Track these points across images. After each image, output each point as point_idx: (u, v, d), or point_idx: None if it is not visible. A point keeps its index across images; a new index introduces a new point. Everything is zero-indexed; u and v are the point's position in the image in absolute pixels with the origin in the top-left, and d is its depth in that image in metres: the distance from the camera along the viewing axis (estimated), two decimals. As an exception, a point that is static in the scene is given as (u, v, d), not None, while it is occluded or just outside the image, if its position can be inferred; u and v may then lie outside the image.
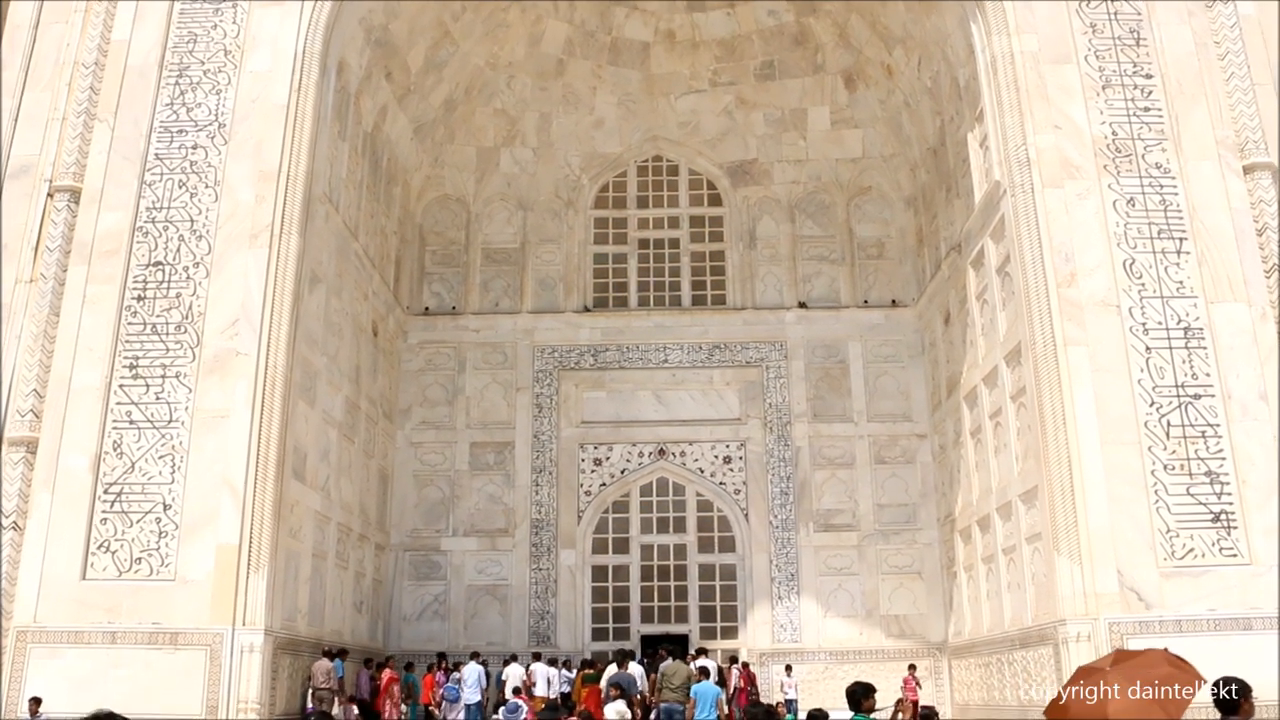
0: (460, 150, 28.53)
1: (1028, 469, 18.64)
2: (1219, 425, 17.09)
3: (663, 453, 26.88)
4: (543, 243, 28.45)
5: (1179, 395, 17.26)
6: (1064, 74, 19.14)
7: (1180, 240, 18.07)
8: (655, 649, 23.43)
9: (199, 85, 19.63)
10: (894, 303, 27.39)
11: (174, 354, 17.96)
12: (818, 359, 27.11)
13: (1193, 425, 17.11)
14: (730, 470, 26.72)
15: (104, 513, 17.19)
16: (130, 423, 17.63)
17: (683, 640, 25.25)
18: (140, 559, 16.96)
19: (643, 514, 26.74)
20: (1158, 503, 16.71)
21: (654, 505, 26.78)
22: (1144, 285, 17.83)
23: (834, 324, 27.33)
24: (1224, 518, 16.67)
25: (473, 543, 26.26)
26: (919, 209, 27.16)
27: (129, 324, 18.15)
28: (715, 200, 28.78)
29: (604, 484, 26.77)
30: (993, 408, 20.84)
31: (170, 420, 17.61)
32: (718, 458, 26.84)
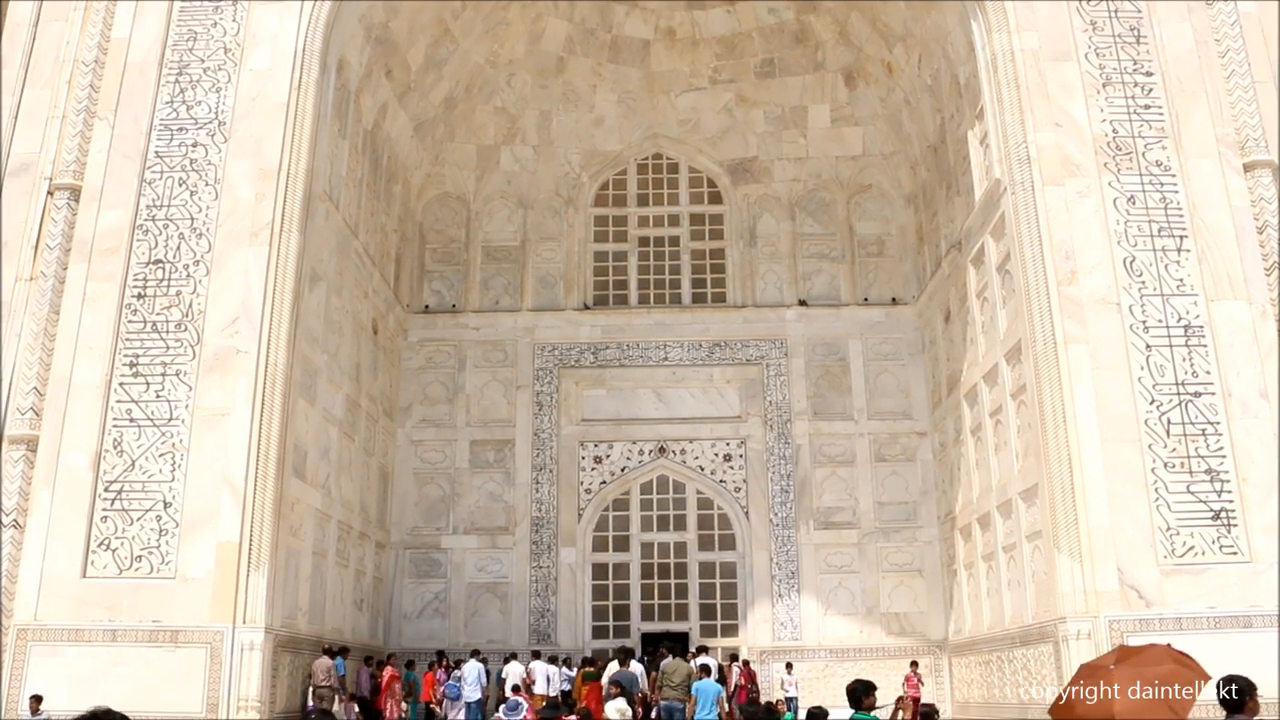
0: (460, 148, 28.52)
1: (1028, 467, 18.64)
2: (1219, 423, 17.08)
3: (663, 450, 26.88)
4: (543, 240, 28.45)
5: (1179, 393, 17.26)
6: (1064, 71, 19.13)
7: (1180, 238, 18.07)
8: (656, 647, 23.45)
9: (199, 83, 19.62)
10: (894, 300, 27.39)
11: (174, 352, 17.96)
12: (818, 357, 27.11)
13: (1193, 423, 17.11)
14: (730, 468, 26.73)
15: (104, 511, 17.19)
16: (130, 420, 17.64)
17: (683, 638, 25.27)
18: (141, 557, 16.96)
19: (643, 512, 26.75)
20: (1158, 500, 16.71)
21: (654, 503, 26.79)
22: (1144, 283, 17.82)
23: (834, 322, 27.33)
24: (1224, 515, 16.67)
25: (473, 540, 26.26)
26: (919, 207, 27.15)
27: (129, 322, 18.15)
28: (715, 198, 28.77)
29: (604, 482, 26.77)
30: (993, 405, 20.84)
31: (170, 418, 17.61)
32: (718, 455, 26.84)
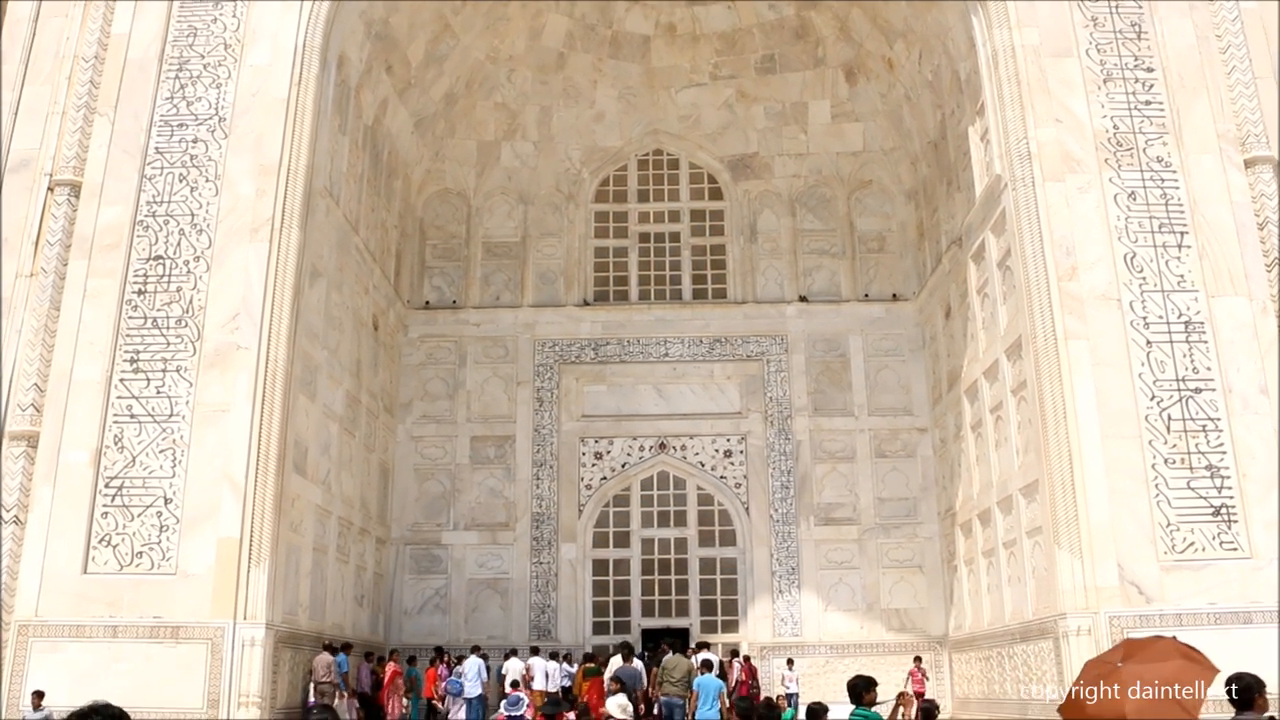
0: (461, 144, 28.50)
1: (1028, 463, 18.65)
2: (1219, 419, 17.08)
3: (663, 446, 26.88)
4: (543, 236, 28.44)
5: (1179, 389, 17.26)
6: (1065, 67, 19.10)
7: (1181, 234, 18.06)
8: (657, 643, 23.47)
9: (199, 79, 19.61)
10: (895, 296, 27.38)
11: (175, 348, 17.96)
12: (818, 353, 27.11)
13: (1193, 419, 17.10)
14: (731, 464, 26.73)
15: (105, 507, 17.20)
16: (131, 417, 17.64)
17: (684, 634, 25.30)
18: (141, 553, 16.97)
19: (643, 508, 26.76)
20: (1158, 496, 16.72)
21: (654, 499, 26.80)
22: (1145, 279, 17.82)
23: (834, 318, 27.32)
24: (1224, 511, 16.67)
25: (473, 536, 26.27)
26: (920, 203, 27.13)
27: (130, 318, 18.15)
28: (716, 194, 28.76)
29: (605, 478, 26.78)
30: (993, 401, 20.84)
31: (171, 414, 17.62)
32: (718, 451, 26.84)
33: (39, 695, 15.75)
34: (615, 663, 20.81)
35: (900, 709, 16.94)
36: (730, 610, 26.02)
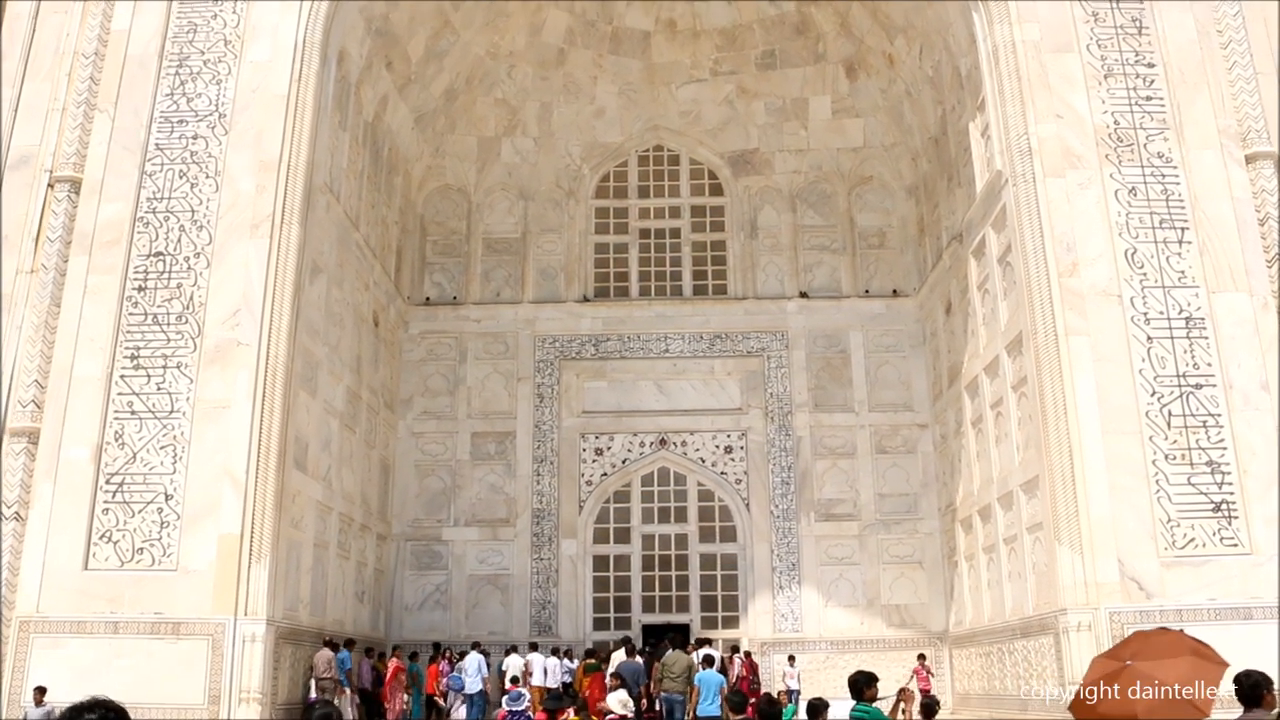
0: (461, 140, 28.49)
1: (1029, 459, 18.65)
2: (1220, 415, 17.07)
3: (664, 442, 26.88)
4: (544, 232, 28.43)
5: (1180, 385, 17.25)
6: (1066, 63, 19.08)
7: (1182, 230, 18.04)
8: (658, 639, 23.48)
9: (199, 75, 19.59)
10: (895, 292, 27.36)
11: (175, 344, 17.96)
12: (819, 349, 27.10)
13: (1194, 415, 17.10)
14: (731, 460, 26.74)
15: (106, 503, 17.21)
16: (132, 413, 17.65)
17: (684, 630, 25.32)
18: (142, 549, 16.98)
19: (644, 504, 26.77)
20: (1159, 492, 16.71)
21: (655, 495, 26.80)
22: (1145, 275, 17.80)
23: (835, 314, 27.31)
24: (1225, 507, 16.67)
25: (474, 532, 26.29)
26: (920, 198, 27.11)
27: (130, 314, 18.15)
28: (716, 190, 28.74)
29: (605, 474, 26.79)
30: (994, 397, 20.83)
31: (172, 410, 17.62)
32: (719, 447, 26.85)
33: (41, 691, 15.76)
34: (618, 657, 20.85)
35: (901, 705, 16.98)
36: (731, 606, 26.04)
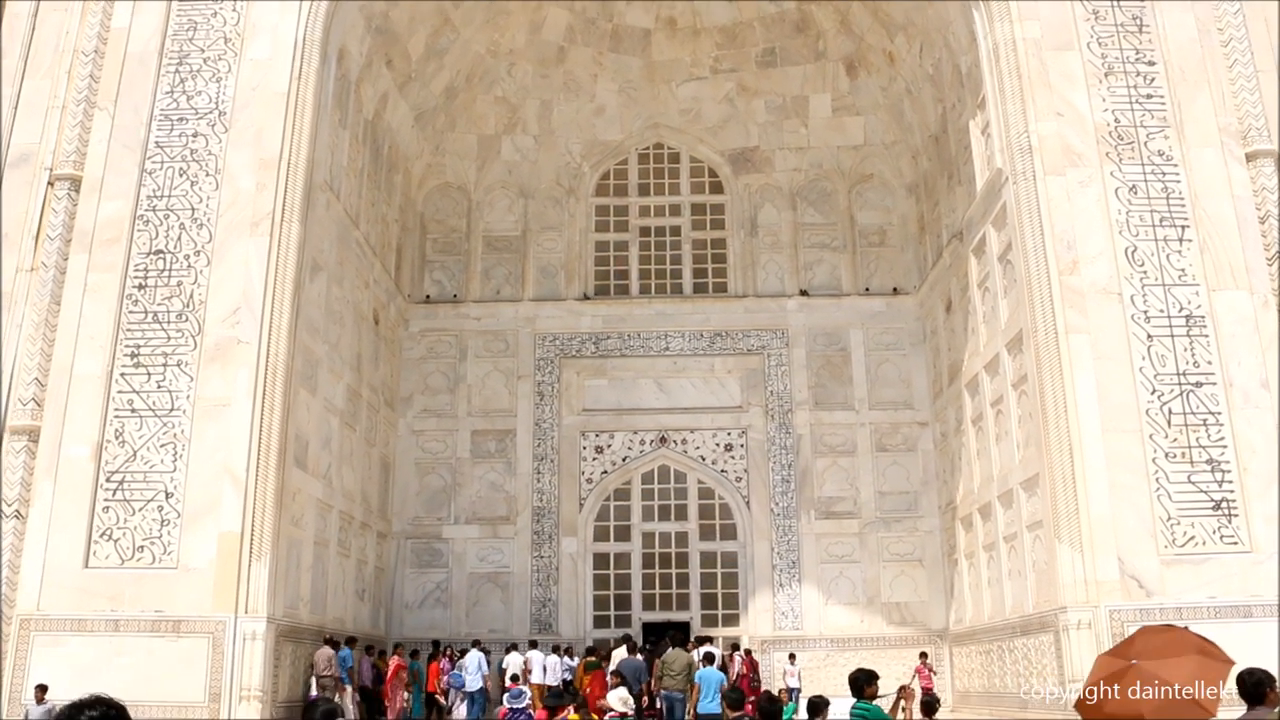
0: (461, 138, 28.48)
1: (1029, 456, 18.65)
2: (1220, 413, 17.08)
3: (664, 440, 26.88)
4: (544, 230, 28.42)
5: (1180, 383, 17.25)
6: (1066, 61, 19.07)
7: (1182, 228, 18.04)
8: (659, 637, 23.48)
9: (199, 73, 19.58)
10: (895, 290, 27.36)
11: (175, 342, 17.96)
12: (819, 346, 27.10)
13: (1194, 413, 17.10)
14: (732, 458, 26.74)
15: (106, 501, 17.22)
16: (132, 411, 17.65)
17: (684, 628, 25.33)
18: (142, 547, 16.99)
19: (644, 501, 26.77)
20: (1159, 490, 16.72)
21: (655, 493, 26.81)
22: (1146, 273, 17.80)
23: (835, 311, 27.31)
24: (1225, 505, 16.68)
25: (474, 530, 26.30)
26: (921, 196, 27.11)
27: (130, 312, 18.15)
28: (716, 188, 28.73)
29: (605, 471, 26.79)
30: (994, 395, 20.83)
31: (172, 408, 17.62)
32: (719, 445, 26.85)
33: (42, 689, 15.76)
34: (619, 655, 20.86)
35: (902, 703, 16.99)
36: (731, 604, 26.05)
